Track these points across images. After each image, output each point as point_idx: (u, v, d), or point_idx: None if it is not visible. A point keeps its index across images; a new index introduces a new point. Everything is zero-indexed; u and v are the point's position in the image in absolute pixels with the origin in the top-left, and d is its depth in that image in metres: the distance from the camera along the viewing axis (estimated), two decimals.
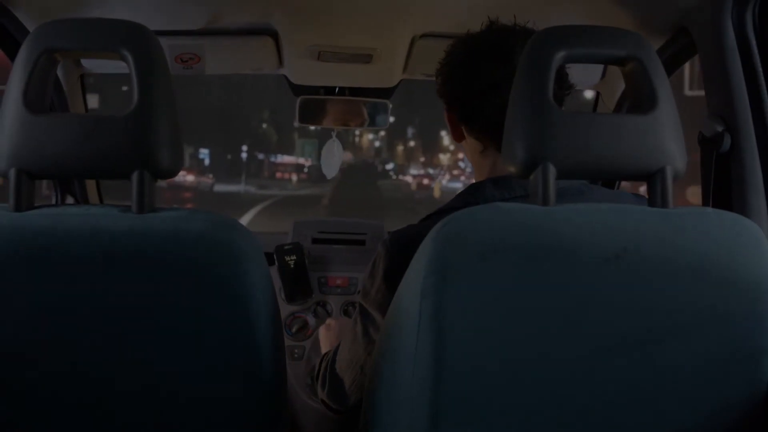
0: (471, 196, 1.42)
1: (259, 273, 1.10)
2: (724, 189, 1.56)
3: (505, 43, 1.44)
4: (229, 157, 40.10)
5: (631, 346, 1.11)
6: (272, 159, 44.41)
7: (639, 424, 1.14)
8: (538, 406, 1.11)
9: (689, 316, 1.12)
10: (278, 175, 42.57)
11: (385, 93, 2.56)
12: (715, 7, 1.56)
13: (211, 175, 32.35)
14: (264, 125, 46.81)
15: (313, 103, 2.54)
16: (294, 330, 2.38)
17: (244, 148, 40.39)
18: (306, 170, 42.80)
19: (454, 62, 1.53)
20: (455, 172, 44.20)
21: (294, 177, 42.31)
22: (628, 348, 1.11)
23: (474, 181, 1.52)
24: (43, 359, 1.08)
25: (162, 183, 1.09)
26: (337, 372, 1.59)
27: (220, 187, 30.81)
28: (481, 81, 1.45)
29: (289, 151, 44.65)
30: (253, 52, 2.26)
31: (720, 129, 1.54)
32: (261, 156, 44.08)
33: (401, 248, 1.31)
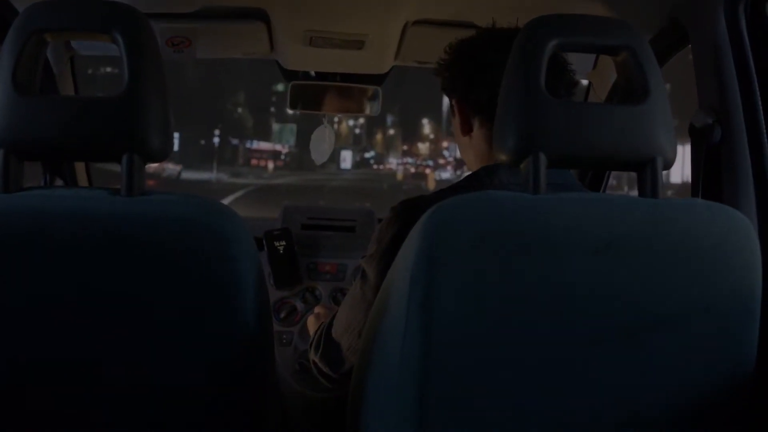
0: (486, 178, 1.43)
1: (248, 258, 1.10)
2: (714, 180, 1.57)
3: None
4: (202, 142, 39.60)
5: (620, 334, 1.12)
6: (247, 145, 43.98)
7: (627, 412, 1.15)
8: (526, 393, 1.12)
9: (678, 305, 1.13)
10: (253, 162, 42.17)
11: (376, 79, 2.56)
12: (708, 0, 1.58)
13: (178, 161, 31.28)
14: (239, 109, 46.36)
15: (305, 89, 2.55)
16: (282, 316, 2.38)
17: (217, 132, 39.87)
18: (283, 157, 42.51)
19: (470, 53, 1.52)
20: (441, 161, 44.13)
21: (270, 164, 41.97)
22: (617, 336, 1.12)
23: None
24: (30, 343, 1.08)
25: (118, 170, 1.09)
26: (333, 336, 1.59)
27: (188, 175, 30.20)
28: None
29: (265, 137, 44.26)
30: (245, 37, 2.26)
31: (711, 121, 1.55)
32: (235, 141, 43.57)
33: (411, 216, 1.32)
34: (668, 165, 1.17)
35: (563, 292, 1.10)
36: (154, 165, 1.13)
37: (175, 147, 1.20)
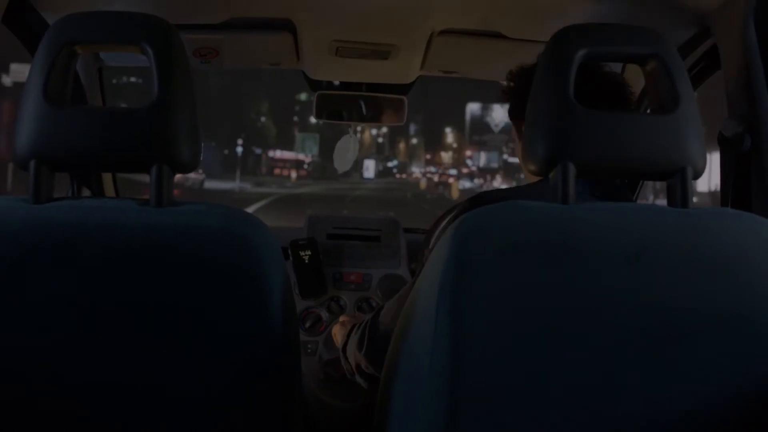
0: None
1: (276, 268, 1.10)
2: (743, 189, 1.56)
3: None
4: (225, 152, 39.77)
5: (649, 345, 1.11)
6: (270, 154, 44.15)
7: (656, 422, 1.15)
8: (554, 402, 1.10)
9: (707, 315, 1.12)
10: (276, 171, 42.35)
11: (402, 89, 2.57)
12: (737, 8, 1.56)
13: (200, 171, 31.17)
14: (262, 118, 46.55)
15: (330, 99, 2.56)
16: (307, 325, 2.38)
17: (240, 141, 40.05)
18: (306, 166, 42.62)
19: None
20: (464, 170, 44.09)
21: (293, 174, 42.12)
22: (645, 347, 1.11)
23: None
24: (59, 354, 1.08)
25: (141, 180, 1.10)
26: (381, 328, 1.58)
27: (211, 184, 30.28)
28: None
29: (288, 146, 44.43)
30: (272, 47, 2.27)
31: (740, 129, 1.54)
32: (258, 151, 43.79)
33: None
34: (698, 174, 1.16)
35: (593, 301, 1.09)
36: (177, 175, 1.15)
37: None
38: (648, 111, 1.22)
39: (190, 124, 1.11)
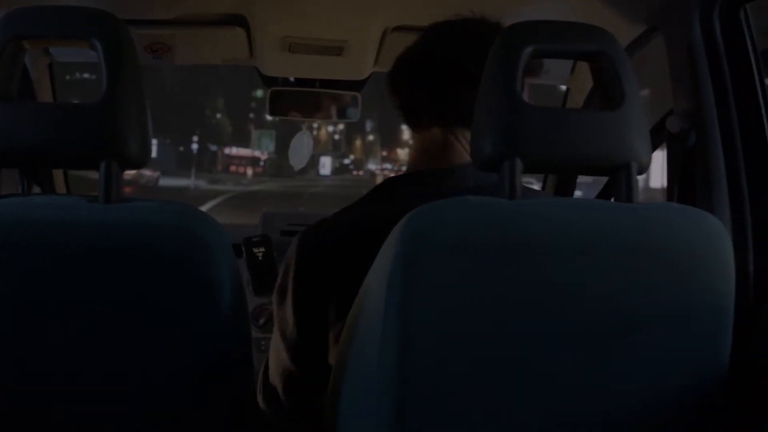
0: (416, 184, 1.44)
1: (227, 264, 1.10)
2: (688, 185, 1.59)
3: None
4: (180, 148, 39.37)
5: (596, 338, 1.13)
6: (226, 151, 43.83)
7: (602, 414, 1.16)
8: (504, 396, 1.12)
9: (654, 308, 1.14)
10: (232, 168, 42.07)
11: (356, 85, 2.57)
12: (683, 6, 1.59)
13: (155, 168, 30.66)
14: (218, 115, 46.19)
15: (284, 95, 2.55)
16: (261, 322, 2.37)
17: (195, 138, 39.63)
18: (262, 163, 42.36)
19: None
20: None
21: (249, 171, 41.85)
22: (592, 341, 1.13)
23: None
24: (14, 351, 1.07)
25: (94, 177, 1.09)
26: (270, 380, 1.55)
27: (166, 181, 29.81)
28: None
29: (244, 143, 44.14)
30: (224, 43, 2.26)
31: (686, 126, 1.56)
32: (214, 148, 43.44)
33: None
34: (643, 170, 1.18)
35: (541, 295, 1.10)
36: (132, 172, 1.13)
37: (153, 153, 1.20)
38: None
39: (139, 120, 1.10)
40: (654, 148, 1.73)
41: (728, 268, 1.17)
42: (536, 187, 1.94)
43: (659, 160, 1.72)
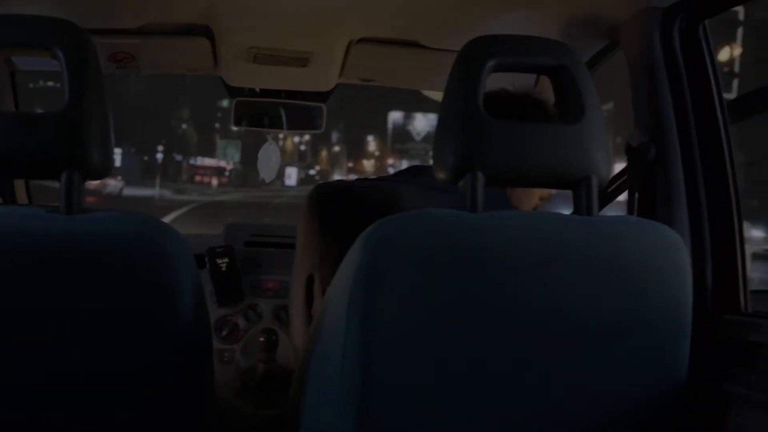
0: (412, 176, 1.49)
1: (188, 275, 1.10)
2: (648, 198, 1.60)
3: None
4: (145, 158, 39.12)
5: (555, 348, 1.15)
6: (191, 161, 43.62)
7: (562, 423, 1.18)
8: (464, 405, 1.13)
9: (612, 319, 1.16)
10: (197, 178, 41.89)
11: (321, 97, 2.57)
12: (644, 21, 1.61)
13: (119, 177, 30.32)
14: (183, 124, 45.96)
15: (249, 106, 2.54)
16: (224, 333, 2.35)
17: (160, 148, 39.45)
18: (227, 174, 42.22)
19: None
20: None
21: (214, 181, 41.70)
22: (552, 350, 1.14)
23: None
24: None
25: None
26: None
27: (130, 191, 29.51)
28: None
29: (210, 153, 43.97)
30: (189, 53, 2.25)
31: (646, 139, 1.58)
32: (179, 157, 43.24)
33: None
34: (602, 183, 1.19)
35: (502, 306, 1.12)
36: (95, 181, 1.13)
37: (117, 163, 1.19)
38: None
39: (101, 130, 1.09)
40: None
41: (686, 280, 1.19)
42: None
43: None
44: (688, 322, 1.20)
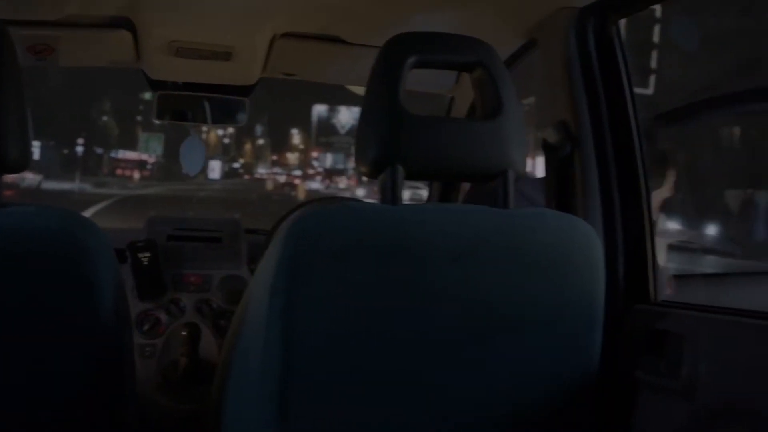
0: None
1: (107, 269, 1.10)
2: (564, 192, 1.65)
3: None
4: (65, 151, 38.17)
5: (472, 340, 1.18)
6: (112, 154, 42.75)
7: (476, 413, 1.21)
8: (385, 397, 1.15)
9: (527, 311, 1.20)
10: (118, 172, 41.07)
11: (244, 91, 2.56)
12: (559, 21, 1.66)
13: (37, 171, 29.36)
14: (104, 117, 44.99)
15: (172, 99, 2.52)
16: (146, 328, 2.32)
17: (81, 141, 38.54)
18: (150, 167, 41.51)
19: None
20: (310, 171, 44.12)
21: (136, 174, 40.97)
22: (469, 342, 1.17)
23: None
24: None
25: None
26: None
27: (49, 185, 28.74)
28: None
29: (131, 146, 43.13)
30: (110, 46, 2.22)
31: (561, 136, 1.63)
32: (100, 150, 42.31)
33: None
34: (519, 177, 1.23)
35: (420, 299, 1.14)
36: (12, 175, 1.11)
37: (36, 156, 1.18)
38: None
39: (19, 122, 1.08)
40: None
41: (598, 272, 1.23)
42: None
43: None
44: (601, 313, 1.24)
